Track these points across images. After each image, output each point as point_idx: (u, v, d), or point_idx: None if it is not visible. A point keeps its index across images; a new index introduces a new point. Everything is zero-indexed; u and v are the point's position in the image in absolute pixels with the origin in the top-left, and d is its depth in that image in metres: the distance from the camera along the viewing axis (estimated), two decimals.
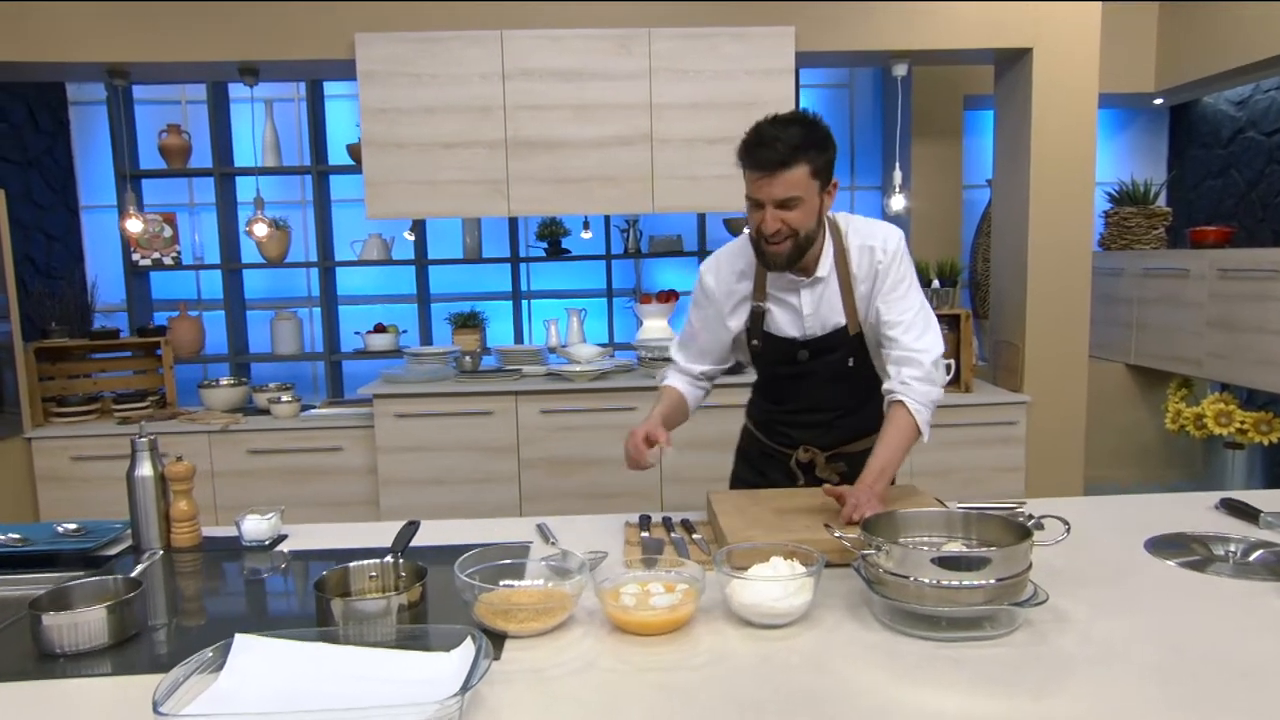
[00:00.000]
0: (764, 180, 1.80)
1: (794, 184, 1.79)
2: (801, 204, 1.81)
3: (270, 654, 1.25)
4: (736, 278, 2.02)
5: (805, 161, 1.78)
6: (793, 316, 2.00)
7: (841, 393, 2.07)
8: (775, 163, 1.77)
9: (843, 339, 1.99)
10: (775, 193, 1.80)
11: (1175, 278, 4.44)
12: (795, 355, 2.02)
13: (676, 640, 1.38)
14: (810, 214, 1.84)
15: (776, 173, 1.78)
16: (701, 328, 2.09)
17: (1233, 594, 1.51)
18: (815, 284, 1.96)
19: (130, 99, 4.67)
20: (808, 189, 1.81)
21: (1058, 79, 3.76)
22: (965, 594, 1.33)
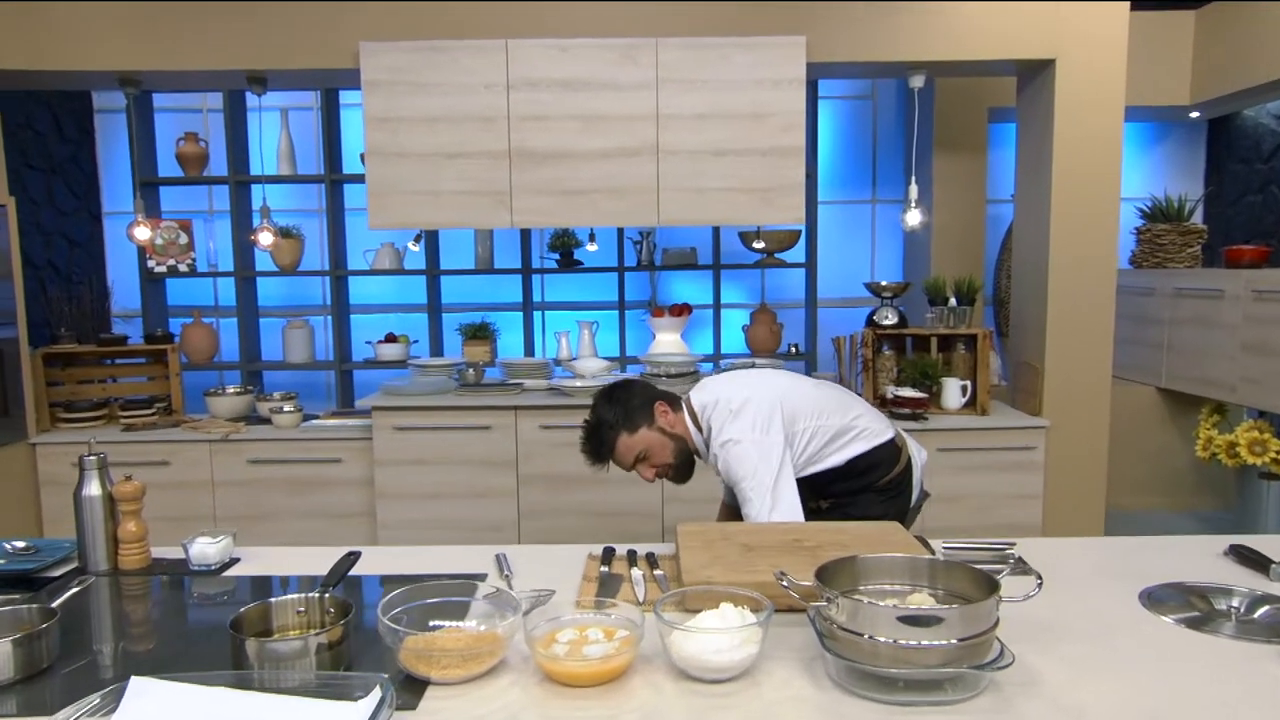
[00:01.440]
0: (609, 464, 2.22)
1: (626, 454, 2.18)
2: (648, 454, 2.18)
3: (167, 699, 1.18)
4: None
5: (615, 437, 2.16)
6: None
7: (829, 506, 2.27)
8: (595, 461, 2.22)
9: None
10: (623, 466, 2.21)
11: (1209, 298, 4.23)
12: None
13: (609, 693, 1.28)
14: (662, 449, 2.19)
15: (607, 461, 2.21)
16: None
17: (1231, 657, 1.38)
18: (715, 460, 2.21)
19: (150, 107, 4.70)
20: (641, 443, 2.17)
21: (1082, 91, 3.60)
22: (922, 654, 1.22)
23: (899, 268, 5.11)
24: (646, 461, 2.18)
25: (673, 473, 2.23)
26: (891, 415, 3.79)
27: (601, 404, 2.20)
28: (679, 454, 2.21)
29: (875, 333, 3.95)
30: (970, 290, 3.95)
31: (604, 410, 2.18)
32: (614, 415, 2.16)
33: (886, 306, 4.01)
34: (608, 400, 2.20)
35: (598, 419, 2.18)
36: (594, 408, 2.21)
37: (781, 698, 1.26)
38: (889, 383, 3.95)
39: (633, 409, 2.17)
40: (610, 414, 2.16)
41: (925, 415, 3.75)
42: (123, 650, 1.49)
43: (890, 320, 3.97)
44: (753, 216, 3.67)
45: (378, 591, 1.67)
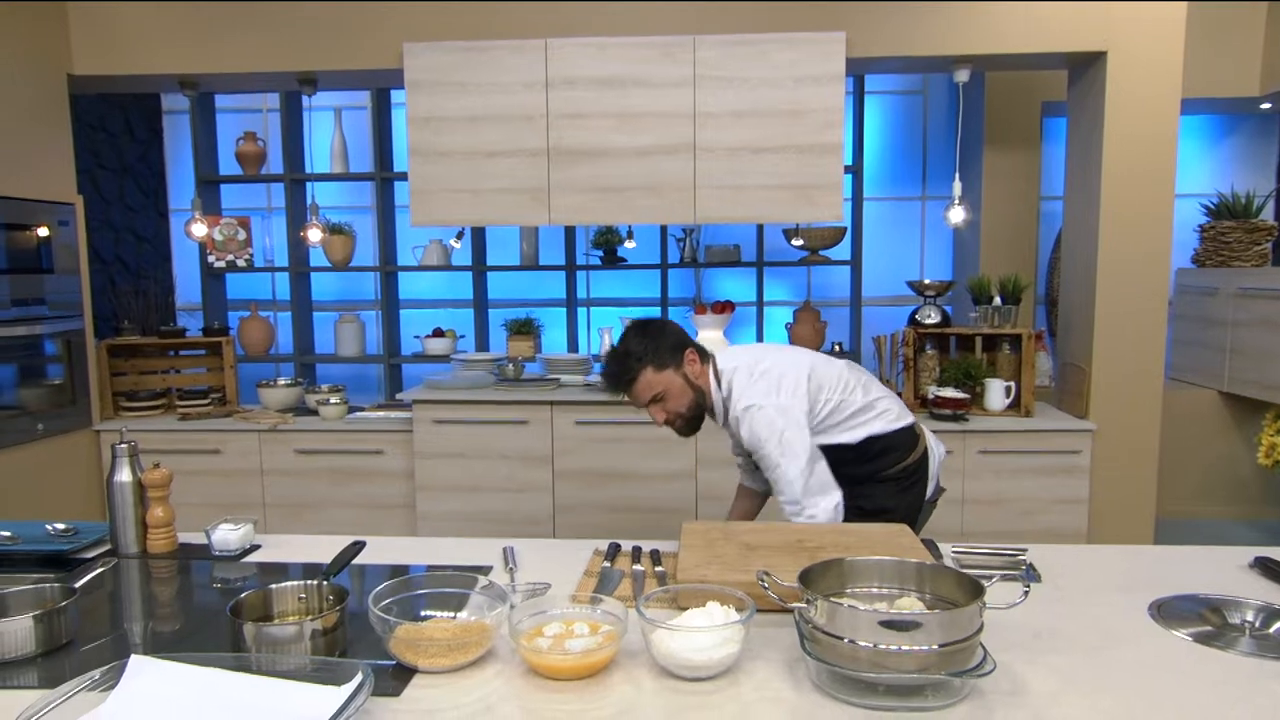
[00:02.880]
0: (628, 397, 2.18)
1: (644, 390, 2.14)
2: (667, 395, 2.14)
3: (163, 678, 1.24)
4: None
5: (639, 374, 2.12)
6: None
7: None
8: (615, 388, 2.16)
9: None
10: (639, 401, 2.17)
11: (1276, 299, 4.05)
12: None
13: (588, 687, 1.30)
14: (681, 396, 2.15)
15: (624, 392, 2.16)
16: None
17: (1239, 674, 1.33)
18: (731, 423, 2.21)
19: (212, 108, 4.88)
20: (661, 382, 2.13)
21: (1134, 85, 3.48)
22: (902, 659, 1.21)
23: (949, 266, 5.01)
24: (661, 404, 2.14)
25: (681, 423, 2.19)
26: (932, 416, 3.73)
27: (634, 335, 2.15)
28: (694, 406, 2.17)
29: (917, 331, 3.89)
30: (1016, 289, 3.85)
31: (634, 342, 2.13)
32: (644, 349, 2.12)
33: (929, 305, 3.94)
34: (641, 333, 2.15)
35: (626, 349, 2.13)
36: (625, 337, 2.16)
37: (759, 698, 1.26)
38: (931, 382, 3.89)
39: (664, 348, 2.13)
40: (640, 347, 2.12)
41: (966, 416, 3.68)
42: (141, 629, 1.57)
43: (933, 319, 3.90)
44: (792, 214, 3.64)
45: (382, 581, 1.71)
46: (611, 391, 2.16)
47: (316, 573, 1.53)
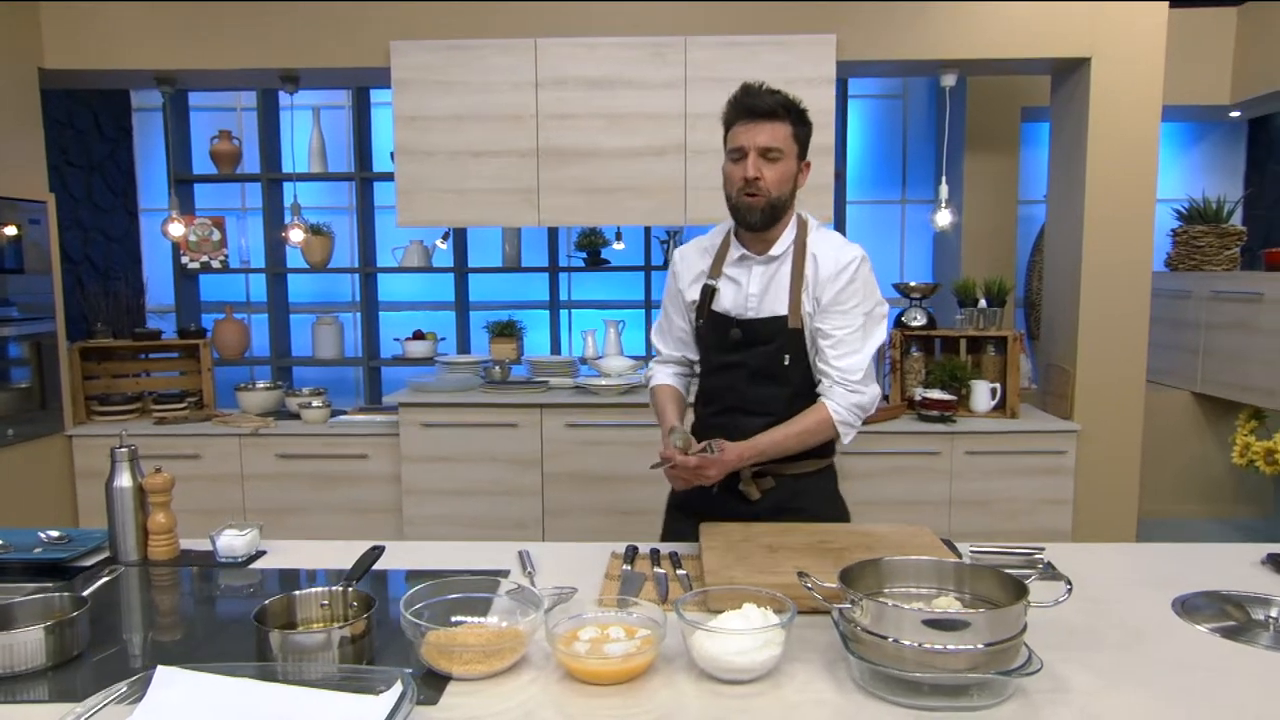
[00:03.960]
0: (750, 127, 1.86)
1: (778, 136, 1.87)
2: (781, 160, 1.88)
3: (192, 689, 1.19)
4: (700, 255, 2.06)
5: (789, 121, 1.89)
6: (737, 294, 1.99)
7: (773, 397, 1.99)
8: (764, 111, 1.86)
9: (779, 329, 1.95)
10: (760, 139, 1.86)
11: (1247, 302, 4.15)
12: (729, 334, 1.99)
13: (629, 692, 1.28)
14: (787, 177, 1.90)
15: (763, 121, 1.86)
16: (674, 311, 2.13)
17: (1267, 668, 1.34)
18: (769, 263, 1.97)
19: (185, 105, 4.77)
20: (788, 148, 1.89)
21: (1117, 90, 3.54)
22: (948, 659, 1.20)
23: (929, 268, 5.06)
24: (773, 160, 1.86)
25: (765, 203, 1.87)
26: (920, 417, 3.76)
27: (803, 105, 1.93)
28: (784, 199, 1.90)
29: (903, 334, 3.92)
30: (1001, 291, 3.90)
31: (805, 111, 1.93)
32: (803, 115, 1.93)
33: (915, 307, 3.97)
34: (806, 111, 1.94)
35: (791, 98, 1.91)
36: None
37: (803, 700, 1.25)
38: (917, 384, 3.92)
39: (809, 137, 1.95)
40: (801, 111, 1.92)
41: (953, 418, 3.71)
42: (151, 640, 1.51)
43: (919, 321, 3.93)
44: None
45: (402, 586, 1.68)
46: (745, 102, 1.86)
47: (329, 579, 1.49)
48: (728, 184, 1.93)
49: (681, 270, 2.08)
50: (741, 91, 1.91)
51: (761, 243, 1.96)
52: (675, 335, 2.15)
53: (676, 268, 2.10)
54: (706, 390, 2.10)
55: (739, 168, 1.88)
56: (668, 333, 2.17)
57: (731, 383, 2.01)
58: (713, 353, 2.04)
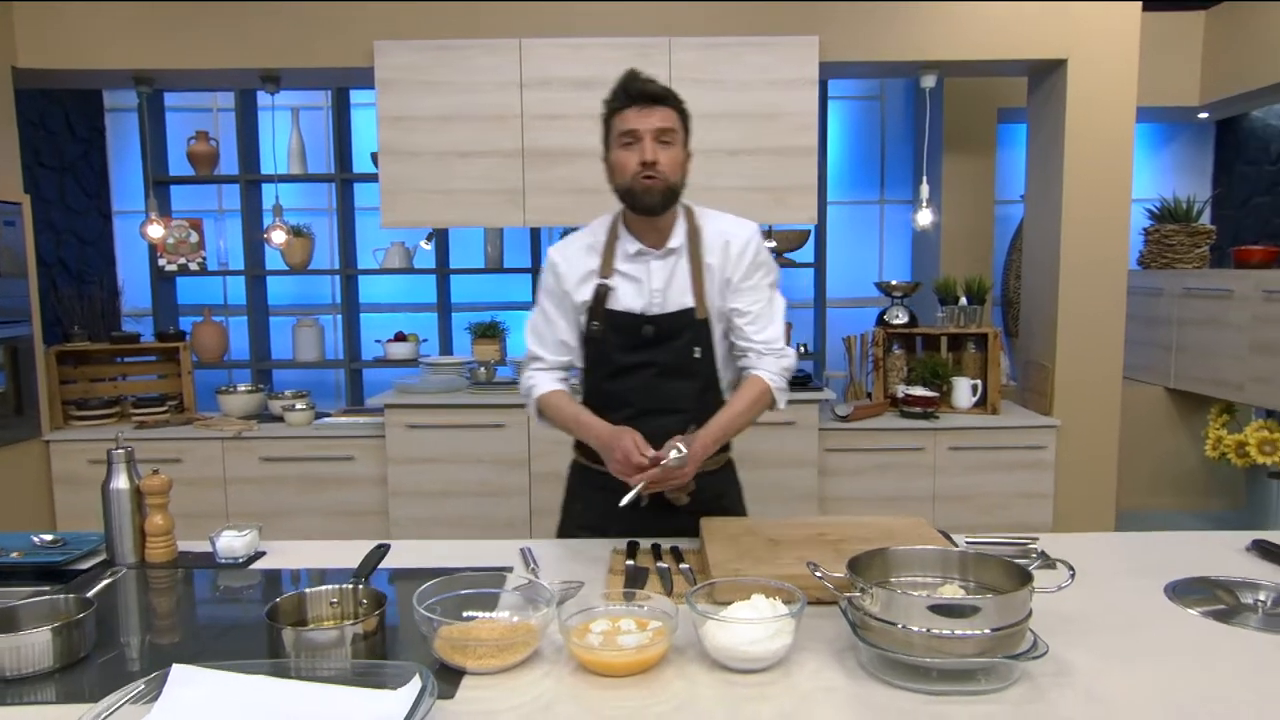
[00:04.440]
0: (644, 112, 1.85)
1: (669, 119, 1.87)
2: (674, 145, 1.88)
3: (209, 687, 1.19)
4: (584, 253, 1.97)
5: (676, 109, 1.90)
6: (639, 290, 1.93)
7: (684, 392, 1.96)
8: (655, 96, 1.87)
9: (688, 322, 1.93)
10: (654, 122, 1.85)
11: (1218, 299, 4.25)
12: (640, 332, 1.92)
13: (643, 683, 1.29)
14: (680, 162, 1.90)
15: (655, 106, 1.86)
16: (558, 315, 1.99)
17: (1259, 649, 1.39)
18: (667, 256, 1.93)
19: (161, 106, 4.72)
20: (679, 132, 1.90)
21: (1093, 91, 3.62)
22: (956, 644, 1.23)
23: (907, 268, 5.12)
24: (667, 143, 1.86)
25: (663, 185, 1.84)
26: (903, 414, 3.81)
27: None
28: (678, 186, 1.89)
29: (886, 332, 3.96)
30: (981, 290, 3.96)
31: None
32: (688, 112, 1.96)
33: (897, 305, 4.02)
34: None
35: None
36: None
37: (815, 687, 1.27)
38: (899, 381, 3.97)
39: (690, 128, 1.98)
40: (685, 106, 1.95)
41: (936, 414, 3.76)
42: (155, 641, 1.50)
43: (901, 319, 3.99)
44: (766, 216, 3.69)
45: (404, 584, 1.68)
46: (635, 87, 1.86)
47: (331, 579, 1.48)
48: (619, 173, 1.88)
49: (565, 270, 1.95)
50: (629, 78, 1.89)
51: (656, 233, 1.92)
52: (558, 339, 1.99)
53: (558, 268, 1.96)
54: (608, 395, 1.98)
55: (633, 153, 1.85)
56: (548, 338, 2.00)
57: (640, 383, 1.95)
58: (615, 354, 1.95)
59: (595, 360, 1.99)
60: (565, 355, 2.01)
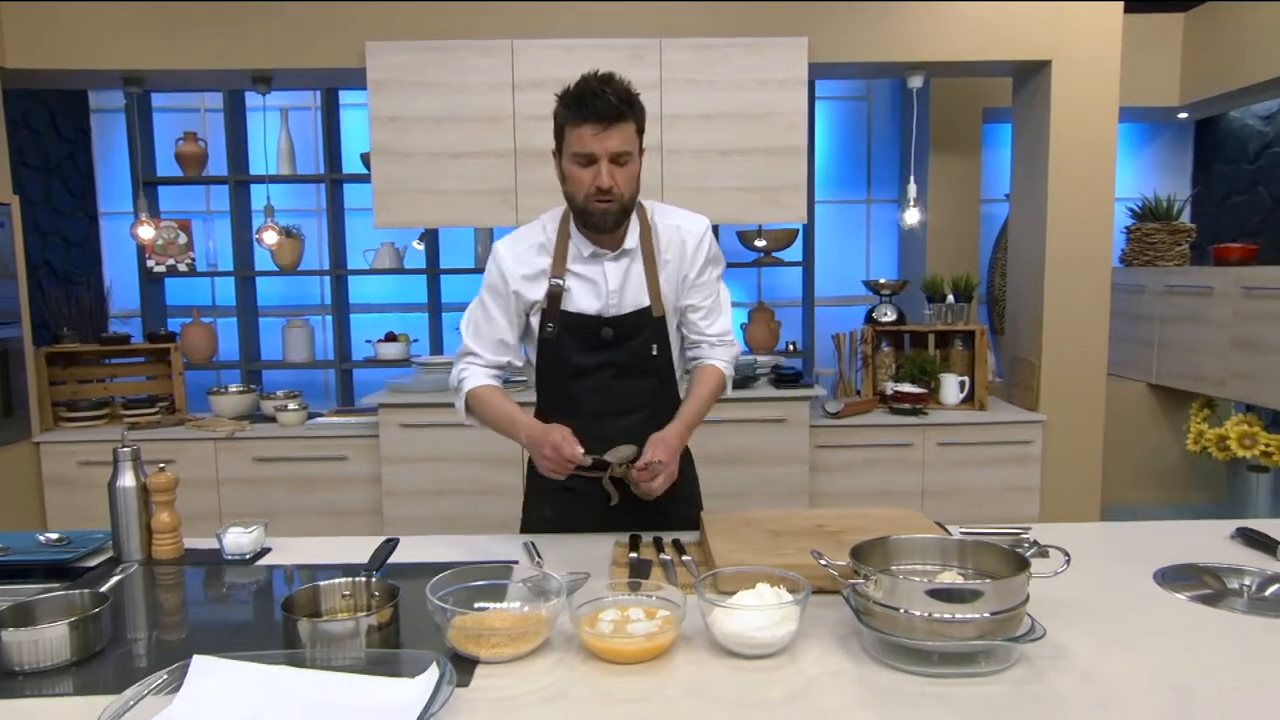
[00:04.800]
0: (601, 133, 1.76)
1: (627, 139, 1.79)
2: (630, 162, 1.81)
3: (229, 677, 1.21)
4: (533, 251, 1.92)
5: (633, 118, 1.80)
6: (595, 292, 1.90)
7: (646, 390, 1.97)
8: (611, 114, 1.76)
9: (646, 320, 1.92)
10: (611, 145, 1.77)
11: (1199, 295, 4.33)
12: (599, 333, 1.91)
13: (653, 670, 1.32)
14: (634, 177, 1.84)
15: (612, 125, 1.76)
16: (500, 313, 1.93)
17: (1246, 631, 1.44)
18: (620, 257, 1.90)
19: (149, 106, 4.70)
20: (635, 147, 1.82)
21: (1077, 92, 3.68)
22: (957, 628, 1.27)
23: (894, 266, 5.17)
24: (622, 164, 1.79)
25: (618, 207, 1.81)
26: (892, 410, 3.86)
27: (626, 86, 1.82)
28: (634, 197, 1.86)
29: (875, 329, 4.01)
30: (968, 287, 4.02)
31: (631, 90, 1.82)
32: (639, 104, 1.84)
33: (885, 303, 4.07)
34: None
35: (628, 88, 1.81)
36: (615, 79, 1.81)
37: (821, 671, 1.31)
38: (888, 378, 4.02)
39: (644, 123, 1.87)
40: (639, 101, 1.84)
41: (925, 410, 3.82)
42: (168, 636, 1.52)
43: (889, 317, 4.04)
44: (757, 215, 3.73)
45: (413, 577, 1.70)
46: (591, 104, 1.75)
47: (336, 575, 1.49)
48: (573, 185, 1.83)
49: (512, 268, 1.90)
50: (586, 90, 1.78)
51: (610, 236, 1.88)
52: (496, 338, 1.94)
53: (504, 265, 1.91)
54: (565, 396, 1.95)
55: (588, 173, 1.79)
56: (486, 335, 1.94)
57: (598, 384, 1.94)
58: (572, 355, 1.92)
59: (550, 361, 1.95)
60: (503, 355, 1.96)
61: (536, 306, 1.91)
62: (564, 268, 1.90)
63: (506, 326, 1.94)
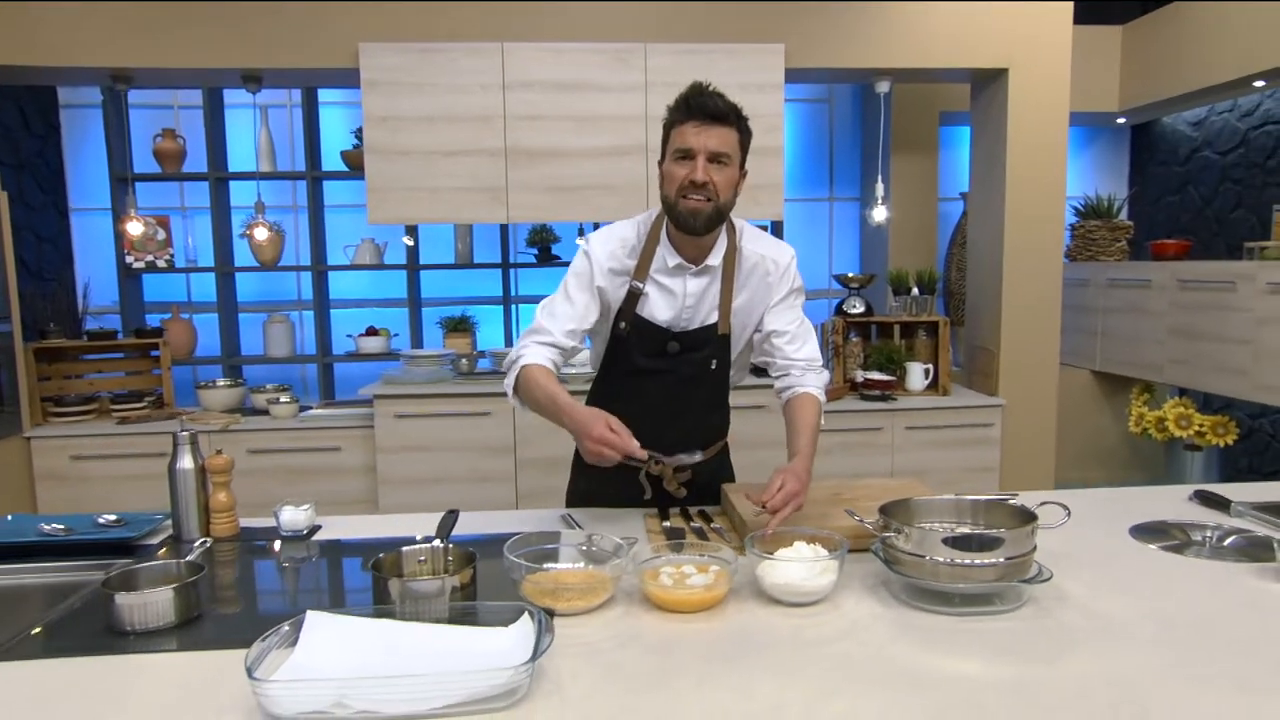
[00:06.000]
0: (701, 129, 1.81)
1: (728, 141, 1.83)
2: (729, 166, 1.84)
3: (340, 630, 1.34)
4: (626, 252, 1.96)
5: (737, 128, 1.85)
6: (671, 304, 1.97)
7: (698, 398, 2.07)
8: (716, 114, 1.81)
9: (712, 336, 1.99)
10: (710, 143, 1.81)
11: (1138, 288, 4.65)
12: (665, 347, 1.99)
13: (712, 617, 1.49)
14: (731, 183, 1.86)
15: (715, 125, 1.81)
16: (581, 300, 1.95)
17: (1213, 574, 1.66)
18: (703, 274, 1.96)
19: (125, 103, 4.69)
20: (735, 154, 1.85)
21: (1032, 98, 3.95)
22: (978, 571, 1.46)
23: (856, 261, 5.42)
24: (722, 164, 1.83)
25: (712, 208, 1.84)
26: (862, 397, 4.08)
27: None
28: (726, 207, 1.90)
29: (845, 320, 4.24)
30: (931, 281, 4.27)
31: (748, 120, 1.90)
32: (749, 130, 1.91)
33: (854, 296, 4.30)
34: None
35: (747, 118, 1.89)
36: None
37: (860, 615, 1.49)
38: (857, 367, 4.24)
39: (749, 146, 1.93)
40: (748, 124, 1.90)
41: (894, 396, 4.05)
42: (252, 602, 1.64)
43: (858, 309, 4.27)
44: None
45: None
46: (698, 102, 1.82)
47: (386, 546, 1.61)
48: (666, 184, 1.87)
49: (603, 260, 1.95)
50: (693, 91, 1.85)
51: (696, 249, 1.92)
52: (572, 323, 1.95)
53: (596, 256, 1.95)
54: (621, 390, 2.04)
55: (683, 168, 1.82)
56: (562, 315, 1.95)
57: (657, 386, 2.02)
58: (637, 357, 2.00)
59: (615, 356, 2.02)
60: (571, 338, 1.96)
61: (615, 303, 1.97)
62: (647, 273, 1.95)
63: (583, 314, 1.95)
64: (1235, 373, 3.99)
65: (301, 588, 1.75)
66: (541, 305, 2.00)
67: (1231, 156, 4.85)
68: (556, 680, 1.27)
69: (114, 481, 3.74)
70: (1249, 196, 4.73)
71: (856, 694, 1.22)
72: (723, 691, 1.23)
